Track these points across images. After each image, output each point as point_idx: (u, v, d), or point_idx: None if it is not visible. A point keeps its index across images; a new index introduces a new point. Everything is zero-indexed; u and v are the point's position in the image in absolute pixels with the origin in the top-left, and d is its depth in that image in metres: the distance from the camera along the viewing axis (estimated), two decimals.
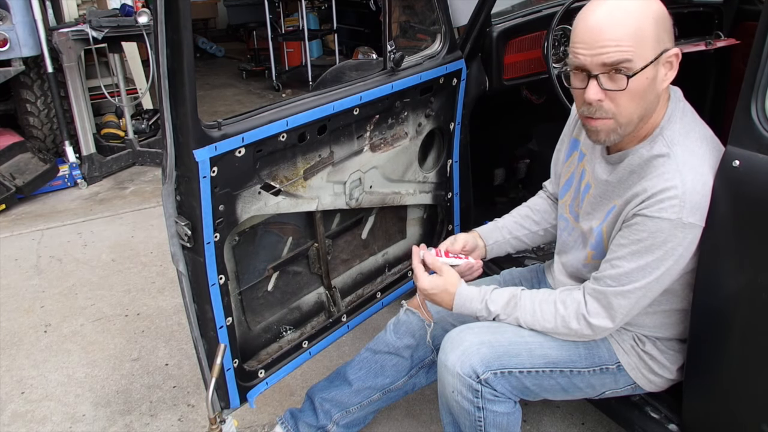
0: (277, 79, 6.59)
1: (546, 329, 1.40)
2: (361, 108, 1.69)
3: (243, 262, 1.62)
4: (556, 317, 1.38)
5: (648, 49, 1.18)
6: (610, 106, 1.22)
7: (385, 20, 1.74)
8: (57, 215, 3.71)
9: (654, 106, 1.26)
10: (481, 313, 1.45)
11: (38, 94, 4.14)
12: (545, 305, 1.40)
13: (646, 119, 1.27)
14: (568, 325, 1.37)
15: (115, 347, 2.45)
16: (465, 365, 1.39)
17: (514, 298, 1.44)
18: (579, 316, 1.35)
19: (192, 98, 1.26)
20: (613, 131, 1.26)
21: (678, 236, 1.21)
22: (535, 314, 1.40)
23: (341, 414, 1.75)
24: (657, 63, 1.20)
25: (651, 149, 1.27)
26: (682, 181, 1.20)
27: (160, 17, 1.18)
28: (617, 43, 1.17)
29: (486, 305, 1.44)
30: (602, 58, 1.18)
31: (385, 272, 2.04)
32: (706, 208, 1.21)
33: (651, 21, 1.19)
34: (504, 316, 1.43)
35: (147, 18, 3.80)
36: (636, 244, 1.24)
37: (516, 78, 2.24)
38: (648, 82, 1.20)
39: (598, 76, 1.20)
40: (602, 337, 1.42)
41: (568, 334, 1.39)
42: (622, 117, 1.23)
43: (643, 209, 1.22)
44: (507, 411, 1.43)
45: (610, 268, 1.30)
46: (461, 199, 2.16)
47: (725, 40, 2.29)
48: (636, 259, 1.25)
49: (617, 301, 1.30)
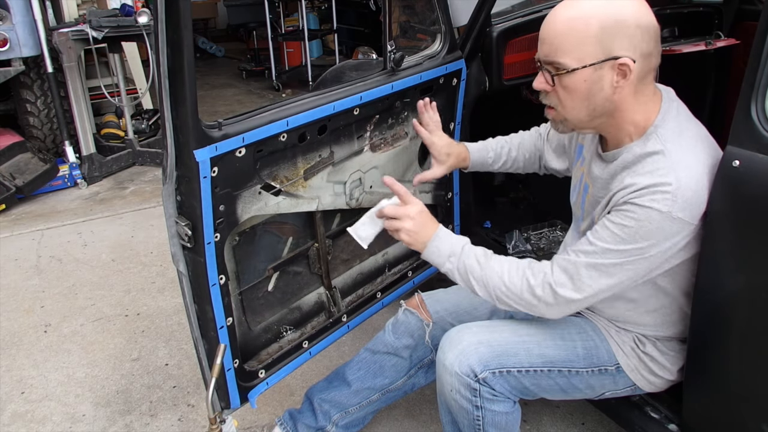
0: (277, 79, 6.60)
1: (512, 293, 1.34)
2: (362, 108, 1.69)
3: (243, 262, 1.62)
4: (523, 282, 1.34)
5: (586, 52, 1.21)
6: (553, 96, 1.30)
7: (385, 20, 1.74)
8: (57, 215, 3.71)
9: (609, 109, 1.26)
10: (454, 257, 1.40)
11: (38, 94, 4.14)
12: (514, 269, 1.35)
13: (610, 119, 1.28)
14: (533, 290, 1.32)
15: (115, 347, 2.45)
16: (463, 364, 1.39)
17: (486, 255, 1.40)
18: (545, 284, 1.31)
19: (192, 98, 1.26)
20: (561, 122, 1.33)
21: (665, 230, 1.20)
22: (503, 276, 1.35)
23: (340, 415, 1.75)
24: (600, 68, 1.21)
25: (644, 146, 1.27)
26: (677, 178, 1.19)
27: (161, 17, 1.18)
28: (551, 43, 1.24)
29: (463, 250, 1.40)
30: (541, 54, 1.27)
31: (385, 272, 2.04)
32: (697, 206, 1.20)
33: (595, 26, 1.19)
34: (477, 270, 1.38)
35: (147, 18, 3.80)
36: (621, 229, 1.22)
37: (516, 78, 2.24)
38: (587, 85, 1.23)
39: (543, 67, 1.29)
40: (565, 313, 1.35)
41: (531, 303, 1.34)
42: (565, 111, 1.30)
43: (635, 198, 1.21)
44: (506, 410, 1.43)
45: (587, 244, 1.28)
46: (461, 199, 2.16)
47: (725, 40, 2.29)
48: (617, 243, 1.23)
49: (587, 271, 1.27)
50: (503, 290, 1.35)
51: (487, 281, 1.37)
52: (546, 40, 1.26)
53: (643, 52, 1.21)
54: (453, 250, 1.41)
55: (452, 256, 1.41)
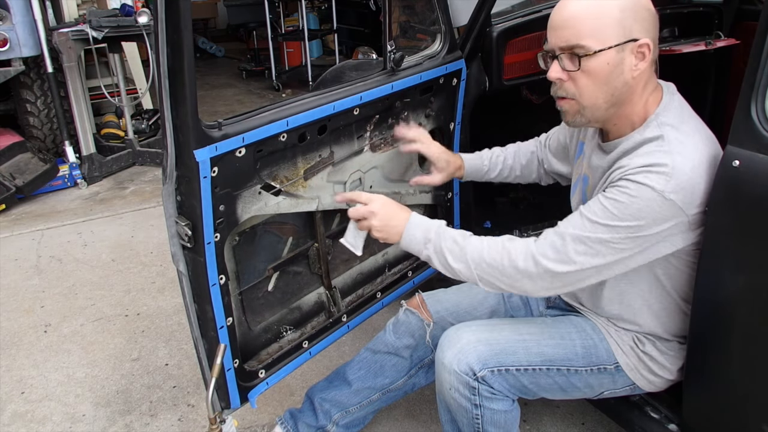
0: (277, 79, 6.60)
1: (492, 267, 1.31)
2: (362, 108, 1.69)
3: (243, 262, 1.62)
4: (503, 255, 1.31)
5: (608, 34, 1.21)
6: (570, 86, 1.27)
7: (385, 20, 1.74)
8: (57, 215, 3.71)
9: (625, 95, 1.27)
10: (430, 242, 1.39)
11: (38, 94, 4.15)
12: (493, 244, 1.34)
13: (620, 107, 1.28)
14: (515, 262, 1.29)
15: (115, 347, 2.45)
16: (462, 363, 1.39)
17: (463, 235, 1.38)
18: (527, 255, 1.28)
19: (192, 98, 1.26)
20: (577, 113, 1.30)
21: (655, 210, 1.19)
22: (482, 252, 1.33)
23: (341, 414, 1.75)
24: (621, 50, 1.22)
25: (643, 133, 1.28)
26: (672, 160, 1.20)
27: (161, 17, 1.18)
28: (573, 27, 1.23)
29: (438, 235, 1.39)
30: (560, 41, 1.25)
31: (385, 272, 2.04)
32: (691, 193, 1.19)
33: (615, 8, 1.21)
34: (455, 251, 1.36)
35: (147, 18, 3.80)
36: (613, 204, 1.21)
37: (516, 78, 2.24)
38: (609, 68, 1.23)
39: (559, 56, 1.26)
40: (549, 290, 1.30)
41: (513, 277, 1.30)
42: (584, 99, 1.28)
43: (630, 175, 1.21)
44: (505, 409, 1.43)
45: (578, 216, 1.26)
46: (461, 199, 2.16)
47: (725, 40, 2.28)
48: (607, 218, 1.22)
49: (573, 244, 1.24)
50: (484, 267, 1.33)
51: (468, 259, 1.34)
52: (564, 25, 1.24)
53: (653, 37, 1.24)
54: (428, 236, 1.40)
55: (428, 242, 1.40)
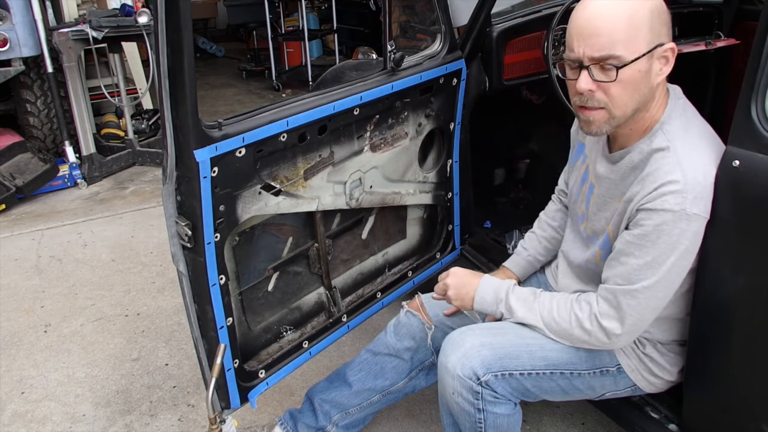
0: (277, 79, 6.59)
1: (562, 328, 1.38)
2: (362, 108, 1.69)
3: (243, 263, 1.62)
4: (571, 316, 1.37)
5: (640, 41, 1.19)
6: (602, 96, 1.23)
7: (385, 20, 1.74)
8: (57, 215, 3.71)
9: (649, 100, 1.26)
10: (501, 303, 1.46)
11: (38, 94, 4.14)
12: (562, 303, 1.40)
13: (642, 113, 1.27)
14: (582, 324, 1.35)
15: (115, 347, 2.45)
16: (465, 367, 1.38)
17: (534, 293, 1.45)
18: (591, 317, 1.34)
19: (192, 98, 1.26)
20: (605, 122, 1.27)
21: (681, 227, 1.20)
22: (552, 312, 1.40)
23: (341, 415, 1.75)
24: (651, 56, 1.21)
25: (651, 144, 1.27)
26: (683, 173, 1.19)
27: (161, 17, 1.18)
28: (608, 36, 1.18)
29: (507, 295, 1.46)
30: (593, 51, 1.20)
31: (385, 272, 2.04)
32: (709, 198, 1.21)
33: (646, 13, 1.19)
34: (523, 310, 1.43)
35: (147, 18, 3.80)
36: (641, 239, 1.24)
37: (516, 78, 2.24)
38: (641, 75, 1.21)
39: (589, 67, 1.21)
40: (620, 346, 1.39)
41: (582, 338, 1.37)
42: (616, 108, 1.24)
43: (646, 203, 1.22)
44: (507, 412, 1.42)
45: (618, 265, 1.29)
46: (461, 199, 2.16)
47: (725, 40, 2.28)
48: (642, 254, 1.24)
49: (626, 300, 1.29)
50: (554, 327, 1.39)
51: (539, 320, 1.41)
52: (596, 33, 1.18)
53: (671, 38, 1.23)
54: (498, 296, 1.47)
55: (500, 302, 1.46)
